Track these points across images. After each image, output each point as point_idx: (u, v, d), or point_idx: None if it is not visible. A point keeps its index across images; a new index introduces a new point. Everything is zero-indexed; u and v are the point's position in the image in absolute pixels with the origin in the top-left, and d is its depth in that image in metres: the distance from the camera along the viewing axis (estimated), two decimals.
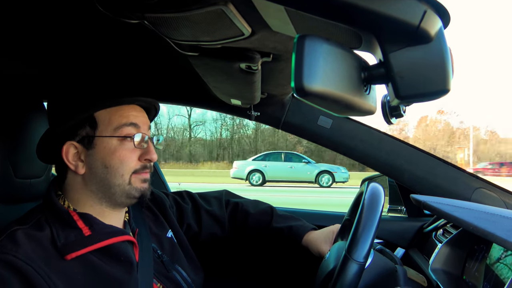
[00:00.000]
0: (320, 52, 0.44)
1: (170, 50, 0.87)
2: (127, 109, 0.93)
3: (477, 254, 0.99)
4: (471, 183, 1.32)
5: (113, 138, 0.90)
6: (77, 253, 0.83)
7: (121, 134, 0.90)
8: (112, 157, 0.90)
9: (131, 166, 0.91)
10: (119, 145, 0.90)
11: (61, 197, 0.92)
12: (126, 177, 0.91)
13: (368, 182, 0.90)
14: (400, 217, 1.58)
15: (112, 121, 0.91)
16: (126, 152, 0.91)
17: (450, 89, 0.47)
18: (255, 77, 0.99)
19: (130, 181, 0.91)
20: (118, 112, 0.92)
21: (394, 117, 0.64)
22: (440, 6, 0.46)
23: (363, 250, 0.79)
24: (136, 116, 0.94)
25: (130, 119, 0.92)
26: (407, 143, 1.39)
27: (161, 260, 1.01)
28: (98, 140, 0.90)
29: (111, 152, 0.90)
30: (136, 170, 0.92)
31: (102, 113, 0.91)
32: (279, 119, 1.43)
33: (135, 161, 0.92)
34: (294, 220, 1.30)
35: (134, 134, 0.91)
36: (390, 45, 0.48)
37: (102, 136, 0.90)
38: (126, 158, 0.91)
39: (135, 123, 0.92)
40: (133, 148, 0.92)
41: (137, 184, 0.92)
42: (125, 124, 0.91)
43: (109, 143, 0.90)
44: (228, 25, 0.69)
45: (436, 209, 0.92)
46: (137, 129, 0.92)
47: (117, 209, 0.96)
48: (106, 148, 0.90)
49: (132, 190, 0.92)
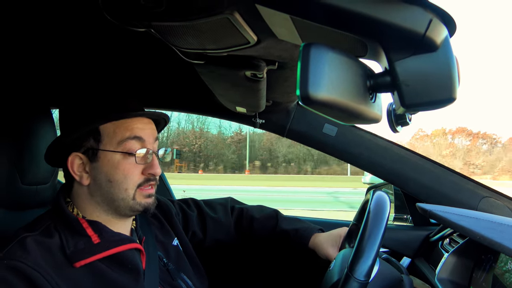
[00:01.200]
0: (326, 60, 0.44)
1: (176, 58, 0.88)
2: (132, 122, 0.92)
3: (485, 264, 0.98)
4: (478, 192, 1.31)
5: (117, 153, 0.90)
6: (86, 261, 0.83)
7: (124, 148, 0.89)
8: (116, 171, 0.89)
9: (135, 180, 0.91)
10: (122, 159, 0.90)
11: (70, 204, 0.92)
12: (131, 192, 0.90)
13: (374, 190, 0.89)
14: (406, 226, 1.57)
15: (116, 134, 0.90)
16: (130, 166, 0.90)
17: (456, 98, 0.47)
18: (260, 85, 0.99)
19: (134, 196, 0.91)
20: (123, 125, 0.91)
21: (400, 126, 0.64)
22: (446, 15, 0.46)
23: (365, 268, 0.78)
24: (141, 129, 0.92)
25: (134, 132, 0.91)
26: (413, 151, 1.39)
27: (167, 268, 1.01)
28: (102, 153, 0.90)
29: (115, 166, 0.89)
30: (140, 184, 0.91)
31: (108, 126, 0.90)
32: (284, 126, 1.43)
33: (138, 175, 0.91)
34: (300, 223, 1.30)
35: (137, 150, 0.90)
36: (395, 53, 0.48)
37: (105, 150, 0.90)
38: (129, 173, 0.90)
39: (140, 136, 0.91)
40: (137, 163, 0.91)
41: (141, 199, 0.92)
42: (129, 137, 0.90)
43: (112, 157, 0.89)
44: (234, 33, 0.70)
45: (442, 218, 0.92)
46: (141, 143, 0.91)
47: (123, 219, 0.96)
48: (110, 162, 0.89)
49: (136, 205, 0.91)
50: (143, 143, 0.92)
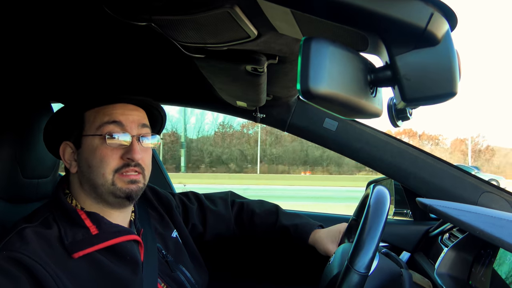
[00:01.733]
0: (326, 55, 0.44)
1: (177, 52, 0.88)
2: (114, 108, 0.92)
3: (484, 258, 0.98)
4: (478, 187, 1.31)
5: (95, 137, 0.90)
6: (84, 252, 0.84)
7: (102, 132, 0.90)
8: (93, 156, 0.89)
9: (111, 165, 0.90)
10: (100, 144, 0.90)
11: (68, 196, 0.93)
12: (108, 177, 0.89)
13: (374, 185, 0.89)
14: (406, 220, 1.57)
15: (96, 120, 0.91)
16: (107, 151, 0.89)
17: (458, 92, 0.47)
18: (260, 79, 0.99)
19: (113, 182, 0.90)
20: (103, 111, 0.91)
21: (400, 120, 0.64)
22: (447, 8, 0.46)
23: (365, 260, 0.78)
24: (122, 114, 0.92)
25: (113, 117, 0.91)
26: (413, 146, 1.38)
27: (166, 260, 1.02)
28: (84, 139, 0.91)
29: (93, 151, 0.90)
30: (118, 169, 0.90)
31: (90, 112, 0.92)
32: (284, 121, 1.42)
33: (116, 160, 0.90)
34: (300, 218, 1.30)
35: (115, 133, 0.90)
36: (396, 47, 0.48)
37: (86, 135, 0.91)
38: (106, 157, 0.89)
39: (119, 121, 0.91)
40: (116, 147, 0.90)
41: (122, 185, 0.90)
42: (107, 122, 0.90)
43: (92, 142, 0.90)
44: (235, 27, 0.69)
45: (442, 213, 0.92)
46: (120, 127, 0.91)
47: (116, 209, 0.95)
48: (89, 147, 0.90)
49: (116, 191, 0.90)
50: (123, 128, 0.91)
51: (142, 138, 0.94)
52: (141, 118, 0.96)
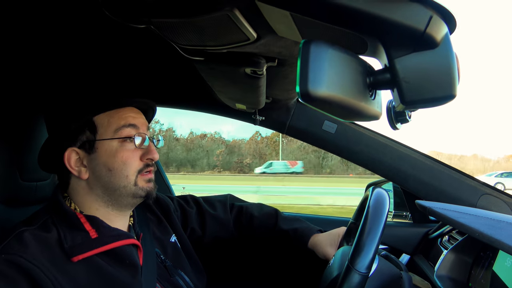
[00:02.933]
0: (326, 57, 0.44)
1: (176, 55, 0.88)
2: (125, 111, 0.94)
3: (483, 261, 0.98)
4: (477, 189, 1.31)
5: (113, 140, 0.91)
6: (83, 255, 0.83)
7: (121, 136, 0.91)
8: (114, 159, 0.90)
9: (134, 167, 0.92)
10: (120, 147, 0.91)
11: (67, 199, 0.92)
12: (132, 178, 0.92)
13: (373, 187, 0.89)
14: (405, 223, 1.57)
15: (111, 124, 0.91)
16: (128, 153, 0.91)
17: (457, 95, 0.47)
18: (260, 82, 0.99)
19: (136, 182, 0.92)
20: (117, 115, 0.92)
21: (400, 123, 0.64)
22: (446, 12, 0.46)
23: (366, 260, 0.78)
24: (134, 117, 0.94)
25: (129, 121, 0.93)
26: (412, 149, 1.39)
27: (164, 264, 1.01)
28: (99, 144, 0.91)
29: (113, 155, 0.90)
30: (140, 170, 0.93)
31: (101, 117, 0.92)
32: (284, 123, 1.43)
33: (137, 161, 0.93)
34: (300, 222, 1.30)
35: (134, 135, 0.92)
36: (395, 50, 0.48)
37: (102, 139, 0.91)
38: (128, 159, 0.91)
39: (134, 124, 0.93)
40: (134, 149, 0.92)
41: (143, 184, 0.93)
42: (124, 125, 0.92)
43: (110, 146, 0.91)
44: (234, 30, 0.70)
45: (441, 215, 0.92)
46: (136, 130, 0.93)
47: (123, 211, 0.96)
48: (108, 151, 0.90)
49: (138, 190, 0.93)
50: (138, 130, 0.94)
51: (154, 139, 0.98)
52: (146, 121, 0.99)
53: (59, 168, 0.94)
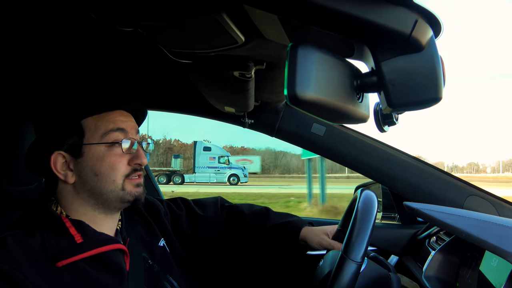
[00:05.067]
0: (313, 61, 0.44)
1: (164, 58, 0.88)
2: (113, 115, 0.92)
3: (470, 261, 0.99)
4: (464, 190, 1.33)
5: (101, 145, 0.89)
6: (68, 261, 0.82)
7: (108, 140, 0.90)
8: (101, 164, 0.89)
9: (122, 171, 0.91)
10: (107, 151, 0.90)
11: (54, 203, 0.91)
12: (119, 182, 0.90)
13: (362, 189, 0.90)
14: (394, 224, 1.58)
15: (99, 128, 0.90)
16: (116, 158, 0.90)
17: (442, 97, 0.48)
18: (248, 85, 0.99)
19: (123, 187, 0.91)
20: (105, 118, 0.91)
21: (387, 125, 0.65)
22: (431, 15, 0.47)
23: (360, 250, 0.80)
24: (123, 121, 0.93)
25: (117, 124, 0.91)
26: (400, 151, 1.40)
27: (152, 270, 1.00)
28: (86, 148, 0.89)
29: (100, 159, 0.89)
30: (128, 175, 0.92)
31: (89, 120, 0.90)
32: (273, 126, 1.43)
33: (125, 166, 0.91)
34: (290, 216, 1.31)
35: (122, 139, 0.91)
36: (382, 53, 0.48)
37: (89, 144, 0.89)
38: (116, 164, 0.90)
39: (123, 128, 0.92)
40: (122, 153, 0.91)
41: (131, 189, 0.92)
42: (112, 129, 0.90)
43: (97, 150, 0.89)
44: (222, 33, 0.70)
45: (429, 216, 0.92)
46: (125, 134, 0.92)
47: (111, 215, 0.95)
48: (95, 155, 0.89)
49: (126, 195, 0.91)
50: (127, 134, 0.92)
51: (143, 143, 0.97)
52: (135, 124, 0.97)
53: (45, 172, 0.92)
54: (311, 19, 0.49)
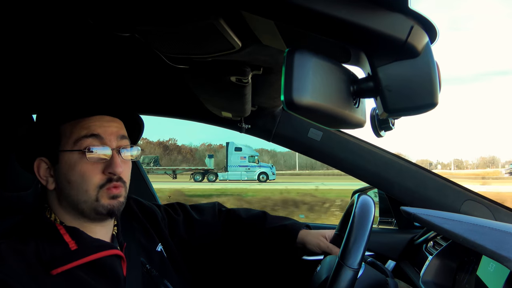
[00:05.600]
0: (310, 66, 0.44)
1: (162, 64, 0.87)
2: (90, 121, 0.88)
3: (467, 266, 0.99)
4: (460, 195, 1.33)
5: (73, 152, 0.86)
6: (63, 268, 0.81)
7: (80, 147, 0.86)
8: (73, 172, 0.86)
9: (94, 181, 0.86)
10: (79, 159, 0.86)
11: (48, 210, 0.90)
12: (92, 193, 0.86)
13: (359, 194, 0.90)
14: (391, 229, 1.58)
15: (72, 134, 0.87)
16: (87, 166, 0.86)
17: (438, 103, 0.48)
18: (245, 90, 0.99)
19: (97, 198, 0.87)
20: (80, 124, 0.87)
21: (383, 130, 0.65)
22: (427, 22, 0.47)
23: (357, 256, 0.80)
24: (100, 126, 0.88)
25: (91, 130, 0.87)
26: (397, 156, 1.40)
27: (150, 274, 0.99)
28: (60, 155, 0.87)
29: (72, 167, 0.86)
30: (103, 185, 0.87)
31: (66, 126, 0.88)
32: (270, 131, 1.43)
33: (98, 175, 0.87)
34: (287, 219, 1.31)
35: (93, 146, 0.86)
36: (378, 59, 0.49)
37: (63, 151, 0.87)
38: (87, 173, 0.86)
39: (98, 133, 0.87)
40: (96, 162, 0.87)
41: (105, 201, 0.87)
42: (85, 135, 0.86)
43: (70, 158, 0.86)
44: (219, 39, 0.70)
45: (426, 221, 0.93)
46: (99, 140, 0.87)
47: (98, 223, 0.92)
48: (67, 163, 0.86)
49: (99, 207, 0.87)
50: (102, 141, 0.88)
51: (122, 150, 0.91)
52: (119, 129, 0.92)
53: None
54: (308, 25, 0.49)
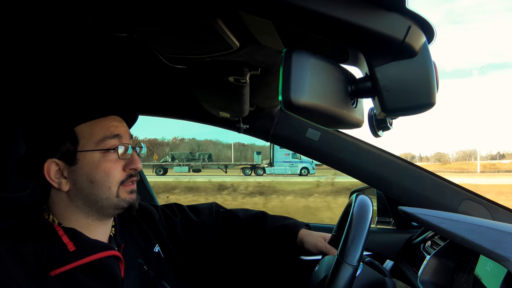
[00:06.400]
0: (307, 66, 0.44)
1: (159, 63, 0.87)
2: (107, 121, 0.91)
3: (465, 265, 0.99)
4: (458, 195, 1.33)
5: (95, 152, 0.88)
6: (61, 270, 0.81)
7: (104, 147, 0.89)
8: (97, 171, 0.88)
9: (117, 178, 0.90)
10: (102, 158, 0.89)
11: (46, 212, 0.90)
12: (114, 189, 0.90)
13: (357, 194, 0.90)
14: (389, 229, 1.58)
15: (94, 135, 0.89)
16: (111, 164, 0.89)
17: (435, 103, 0.48)
18: (243, 90, 0.99)
19: (118, 194, 0.90)
20: (99, 125, 0.90)
21: (381, 130, 0.65)
22: (424, 22, 0.47)
23: (356, 253, 0.80)
24: (117, 126, 0.92)
25: (112, 131, 0.90)
26: (395, 155, 1.40)
27: (147, 275, 0.99)
28: (80, 155, 0.88)
29: (96, 166, 0.88)
30: (123, 181, 0.91)
31: (82, 127, 0.89)
32: (268, 131, 1.43)
33: (120, 172, 0.91)
34: (287, 219, 1.32)
35: (118, 146, 0.90)
36: (376, 59, 0.49)
37: (84, 151, 0.88)
38: (111, 170, 0.89)
39: (118, 133, 0.91)
40: (117, 159, 0.90)
41: (125, 196, 0.91)
42: (108, 136, 0.89)
43: (92, 157, 0.88)
44: (217, 39, 0.70)
45: (423, 221, 0.93)
46: (119, 140, 0.91)
47: (104, 221, 0.94)
48: (90, 163, 0.88)
49: (120, 202, 0.91)
50: (121, 140, 0.91)
51: (137, 148, 0.96)
52: (128, 129, 0.97)
53: (38, 180, 0.90)
54: (306, 25, 0.49)
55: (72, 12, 0.74)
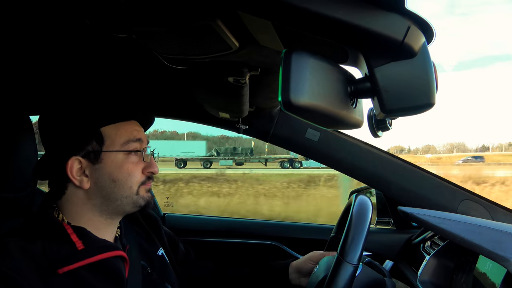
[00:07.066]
0: (307, 67, 0.45)
1: (159, 64, 0.88)
2: (130, 125, 0.96)
3: (464, 265, 1.00)
4: (458, 195, 1.34)
5: (119, 153, 0.92)
6: (69, 267, 0.81)
7: (129, 149, 0.93)
8: (119, 171, 0.92)
9: (138, 179, 0.94)
10: (125, 159, 0.92)
11: (55, 210, 0.91)
12: (135, 188, 0.93)
13: (356, 194, 0.90)
14: (388, 229, 1.59)
15: (119, 136, 0.93)
16: (132, 166, 0.93)
17: (435, 103, 0.48)
18: (243, 91, 0.99)
19: (138, 192, 0.94)
20: (124, 127, 0.94)
21: (381, 130, 0.65)
22: (423, 22, 0.47)
23: (356, 252, 0.80)
24: (139, 131, 0.97)
25: (135, 135, 0.95)
26: (395, 156, 1.40)
27: (151, 278, 1.00)
28: (105, 155, 0.91)
29: (119, 166, 0.92)
30: (143, 182, 0.95)
31: (108, 129, 0.93)
32: (267, 132, 1.43)
33: (140, 174, 0.95)
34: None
35: (141, 149, 0.95)
36: (375, 59, 0.49)
37: (110, 151, 0.92)
38: (133, 171, 0.93)
39: (140, 138, 0.96)
40: (138, 162, 0.94)
41: (143, 193, 0.95)
42: (132, 140, 0.94)
43: (116, 157, 0.92)
44: (216, 39, 0.70)
45: (423, 221, 0.93)
46: (141, 144, 0.96)
47: (116, 220, 0.97)
48: (114, 162, 0.91)
49: (139, 199, 0.94)
50: (142, 144, 0.96)
51: (155, 153, 1.01)
52: (145, 135, 1.01)
53: (56, 177, 0.92)
54: (305, 26, 0.49)
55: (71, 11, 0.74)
